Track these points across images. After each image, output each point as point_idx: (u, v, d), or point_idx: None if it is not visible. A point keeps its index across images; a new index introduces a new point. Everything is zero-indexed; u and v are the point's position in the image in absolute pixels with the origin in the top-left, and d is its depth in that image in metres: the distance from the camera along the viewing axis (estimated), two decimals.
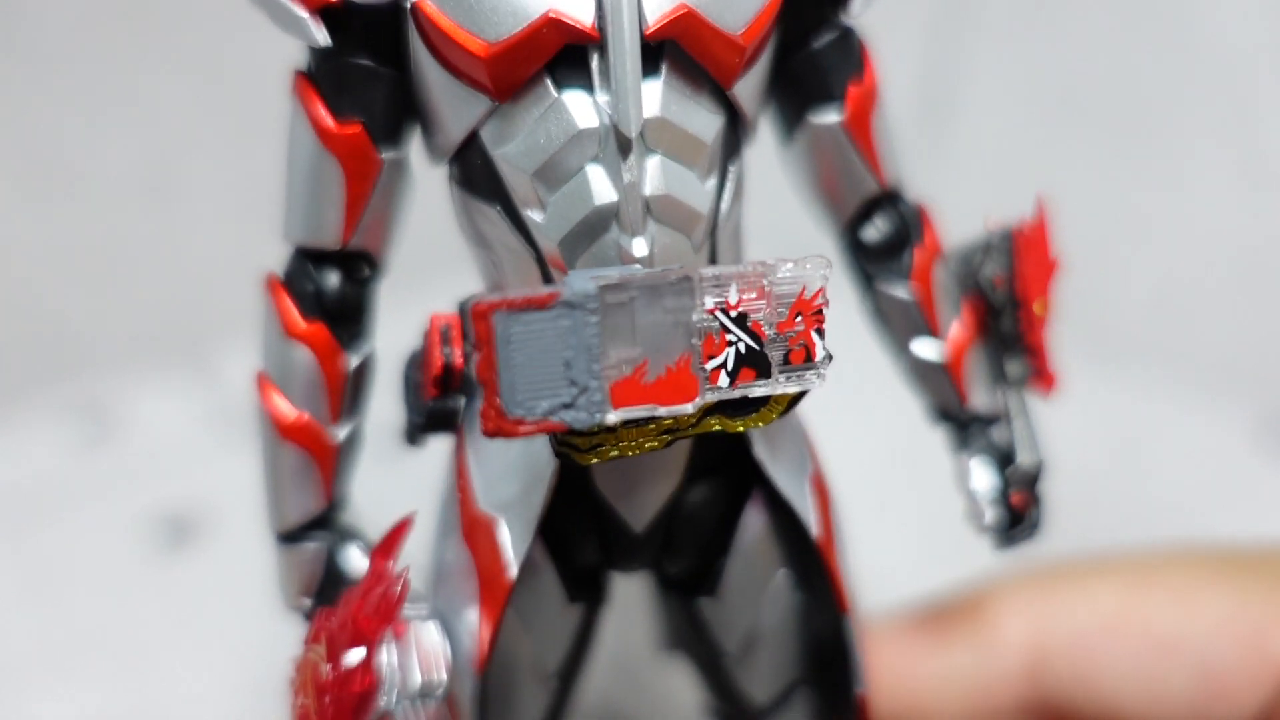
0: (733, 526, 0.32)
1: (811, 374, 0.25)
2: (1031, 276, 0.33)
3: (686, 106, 0.26)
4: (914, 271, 0.33)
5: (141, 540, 0.69)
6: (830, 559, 0.31)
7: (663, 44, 0.25)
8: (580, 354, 0.23)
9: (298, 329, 0.30)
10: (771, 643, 0.34)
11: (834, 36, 0.31)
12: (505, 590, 0.29)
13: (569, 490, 0.29)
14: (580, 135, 0.25)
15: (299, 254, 0.31)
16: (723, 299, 0.24)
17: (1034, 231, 0.33)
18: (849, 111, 0.31)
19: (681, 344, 0.24)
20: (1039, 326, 0.33)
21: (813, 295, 0.24)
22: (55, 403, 0.82)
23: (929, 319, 0.33)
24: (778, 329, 0.24)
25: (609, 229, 0.26)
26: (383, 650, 0.27)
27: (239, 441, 0.79)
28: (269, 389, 0.31)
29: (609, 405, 0.23)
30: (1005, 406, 0.35)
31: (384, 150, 0.29)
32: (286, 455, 0.32)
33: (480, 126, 0.26)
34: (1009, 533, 0.34)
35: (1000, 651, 0.39)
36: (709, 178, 0.27)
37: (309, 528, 0.33)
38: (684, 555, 0.33)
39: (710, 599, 0.33)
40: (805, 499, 0.31)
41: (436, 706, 0.28)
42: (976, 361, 0.34)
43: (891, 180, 0.33)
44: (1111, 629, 0.37)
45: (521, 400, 0.23)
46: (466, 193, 0.28)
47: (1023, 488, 0.34)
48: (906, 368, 0.35)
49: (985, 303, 0.34)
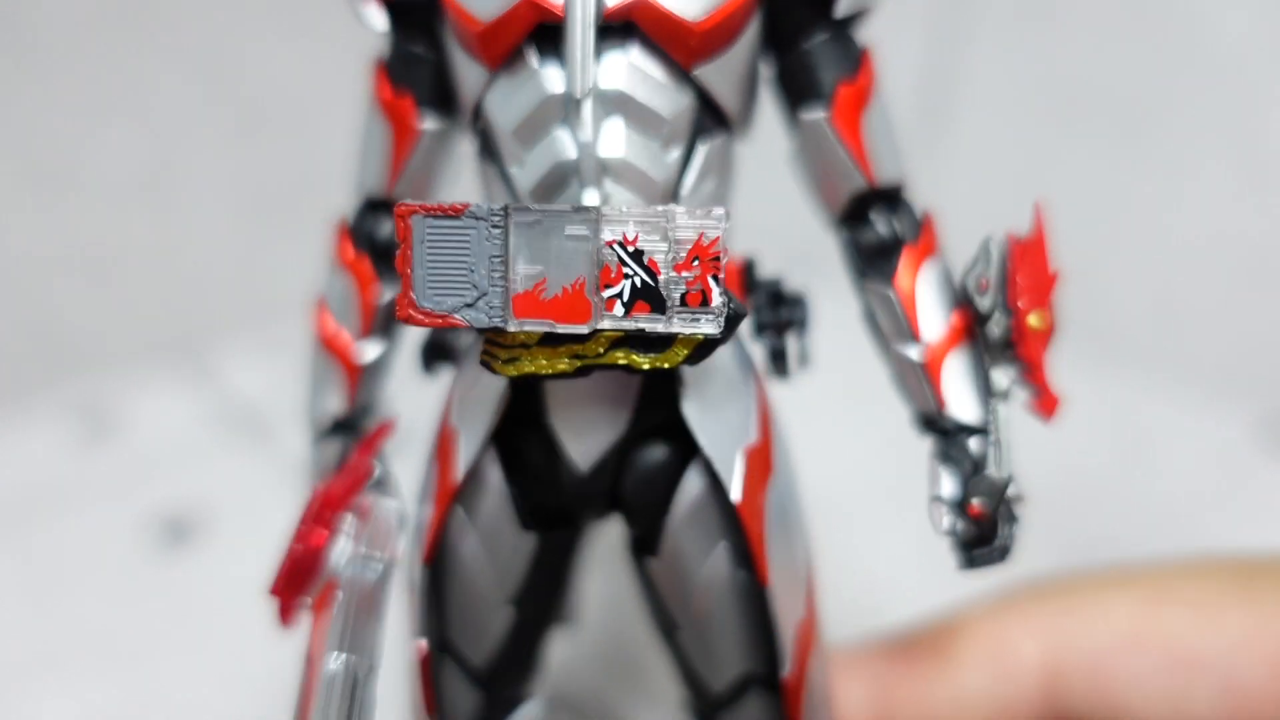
0: (674, 487, 0.33)
1: (706, 318, 0.27)
2: (1027, 286, 0.32)
3: (649, 83, 0.30)
4: (899, 271, 0.33)
5: (141, 540, 0.69)
6: (750, 526, 0.32)
7: (629, 26, 0.29)
8: (481, 262, 0.27)
9: (346, 259, 0.36)
10: (718, 620, 0.34)
11: (825, 37, 0.32)
12: (450, 491, 0.33)
13: (524, 418, 0.33)
14: (548, 100, 0.30)
15: (363, 203, 0.36)
16: (621, 234, 0.27)
17: (1032, 240, 0.32)
18: (835, 108, 0.32)
19: (579, 269, 0.27)
20: (1037, 341, 0.32)
21: (710, 243, 0.26)
22: (55, 403, 0.83)
23: (910, 320, 0.34)
24: (675, 269, 0.27)
25: (569, 184, 0.30)
26: (344, 520, 0.31)
27: (238, 441, 0.80)
28: (322, 308, 0.38)
29: (510, 313, 0.27)
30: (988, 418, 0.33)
31: (427, 121, 0.34)
32: (321, 361, 0.38)
33: (484, 96, 0.31)
34: (972, 553, 0.33)
35: (1015, 670, 0.38)
36: (670, 150, 0.31)
37: (336, 429, 0.38)
38: (635, 514, 0.34)
39: (655, 560, 0.34)
40: (733, 464, 0.32)
41: (377, 580, 0.31)
42: (960, 368, 0.34)
43: (886, 179, 0.33)
44: (1130, 645, 0.37)
45: (430, 295, 0.27)
46: (480, 159, 0.33)
47: (985, 500, 0.32)
48: (890, 369, 0.35)
49: (972, 308, 0.33)
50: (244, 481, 0.73)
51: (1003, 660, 0.38)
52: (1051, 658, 0.38)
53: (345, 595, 0.30)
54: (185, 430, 0.80)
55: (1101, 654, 0.37)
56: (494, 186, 0.32)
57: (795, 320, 0.37)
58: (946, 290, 0.34)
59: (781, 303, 0.37)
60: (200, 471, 0.75)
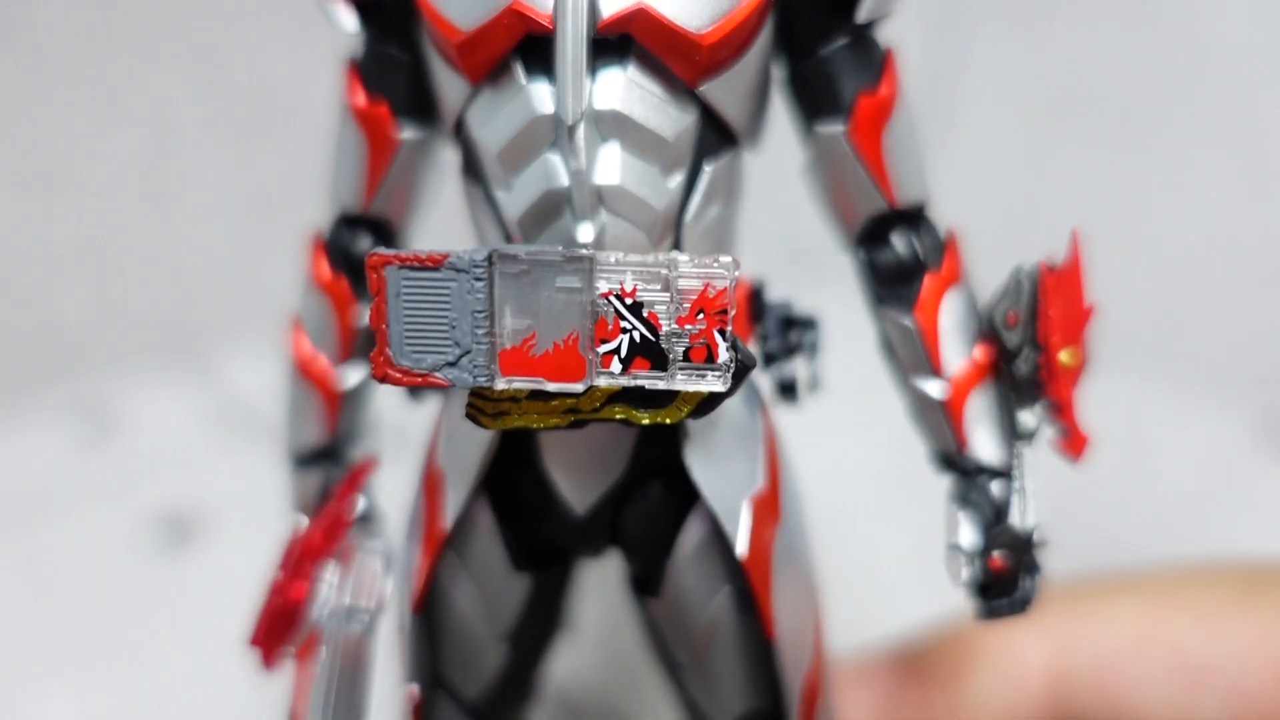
0: (676, 530, 0.31)
1: (713, 375, 0.25)
2: (1059, 321, 0.29)
3: (649, 102, 0.27)
4: (921, 300, 0.31)
5: (141, 540, 0.69)
6: (757, 580, 0.30)
7: (627, 40, 0.26)
8: (464, 317, 0.24)
9: (323, 279, 0.34)
10: (721, 662, 0.32)
11: (844, 43, 0.30)
12: (440, 538, 0.31)
13: (517, 461, 0.31)
14: (536, 121, 0.26)
15: (339, 218, 0.34)
16: (618, 285, 0.24)
17: (1067, 270, 0.30)
18: (855, 121, 0.30)
19: (572, 322, 0.24)
20: (1067, 379, 0.30)
21: (716, 295, 0.24)
22: (55, 403, 0.82)
23: (931, 353, 0.31)
24: (678, 323, 0.24)
25: (562, 213, 0.27)
26: (325, 569, 0.29)
27: (238, 442, 0.80)
28: (298, 330, 0.35)
29: (496, 370, 0.25)
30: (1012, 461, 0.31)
31: (405, 130, 0.31)
32: (298, 387, 0.35)
33: (465, 110, 0.28)
34: (992, 603, 0.31)
35: (1022, 677, 0.37)
36: (672, 175, 0.28)
37: (315, 457, 0.36)
38: (635, 553, 0.33)
39: (656, 601, 0.33)
40: (739, 516, 0.30)
41: (363, 632, 0.30)
42: (983, 406, 0.32)
43: (908, 200, 0.31)
44: (1137, 652, 0.36)
45: (408, 352, 0.25)
46: (465, 179, 0.30)
47: (1007, 552, 0.30)
48: (908, 403, 0.33)
49: (999, 343, 0.31)
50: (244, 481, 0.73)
51: (1009, 667, 0.38)
52: (1058, 664, 0.37)
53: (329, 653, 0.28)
54: (185, 430, 0.80)
55: (1108, 660, 0.36)
56: (479, 210, 0.30)
57: (806, 344, 0.35)
58: (971, 321, 0.32)
59: (792, 325, 0.35)
60: (200, 471, 0.75)
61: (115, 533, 0.69)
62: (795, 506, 0.33)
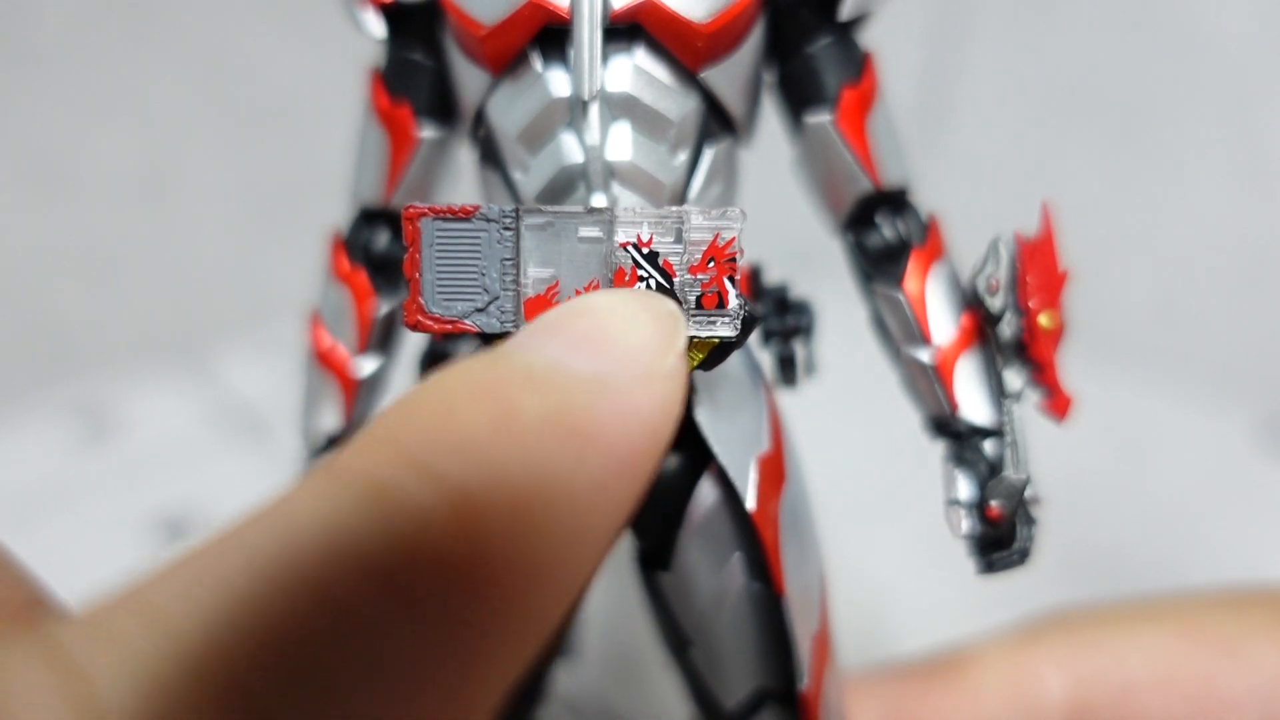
0: (686, 498, 0.33)
1: (723, 321, 0.26)
2: (1037, 286, 0.32)
3: (656, 86, 0.30)
4: (908, 274, 0.33)
5: (141, 540, 0.69)
6: (765, 534, 0.31)
7: (636, 29, 0.29)
8: (493, 265, 0.26)
9: (342, 271, 0.36)
10: (731, 633, 0.33)
11: (828, 41, 0.32)
12: None
13: None
14: (553, 103, 0.29)
15: (360, 213, 0.36)
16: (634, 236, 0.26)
17: (1040, 239, 0.32)
18: (840, 111, 0.32)
19: (593, 271, 0.26)
20: (1048, 341, 0.32)
21: (725, 243, 0.26)
22: (55, 403, 0.82)
23: (920, 322, 0.33)
24: (690, 271, 0.26)
25: (576, 188, 0.30)
26: None
27: (238, 441, 0.80)
28: (316, 323, 0.37)
29: (522, 318, 0.26)
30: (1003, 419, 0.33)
31: (426, 129, 0.34)
32: (316, 376, 0.37)
33: (486, 101, 0.31)
34: (990, 557, 0.32)
35: (1040, 703, 0.37)
36: (678, 153, 0.30)
37: (331, 445, 0.37)
38: (645, 527, 0.34)
39: (667, 574, 0.33)
40: (748, 472, 0.32)
41: None
42: (972, 370, 0.34)
43: (891, 182, 0.33)
44: (1161, 682, 0.36)
45: (439, 300, 0.26)
46: (482, 166, 0.32)
47: (1004, 502, 0.32)
48: (901, 374, 0.35)
49: (983, 309, 0.33)
50: (244, 481, 0.73)
51: (1027, 693, 0.37)
52: (1079, 692, 0.37)
53: None
54: (185, 430, 0.80)
55: (1131, 690, 0.36)
56: (496, 194, 0.32)
57: (802, 327, 0.36)
58: (955, 292, 0.34)
59: (788, 309, 0.36)
60: (200, 471, 0.75)
61: (115, 533, 0.69)
62: (798, 473, 0.35)
